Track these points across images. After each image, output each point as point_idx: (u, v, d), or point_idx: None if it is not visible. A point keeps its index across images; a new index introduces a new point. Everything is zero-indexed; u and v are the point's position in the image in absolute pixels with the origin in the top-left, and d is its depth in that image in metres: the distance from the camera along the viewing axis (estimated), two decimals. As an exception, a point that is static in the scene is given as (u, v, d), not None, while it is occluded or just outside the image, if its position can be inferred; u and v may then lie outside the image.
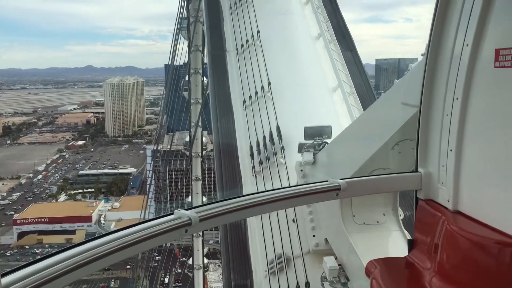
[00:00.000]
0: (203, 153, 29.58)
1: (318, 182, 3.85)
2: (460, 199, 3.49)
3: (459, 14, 3.45)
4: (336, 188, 3.70)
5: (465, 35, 3.37)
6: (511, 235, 2.98)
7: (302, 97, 10.00)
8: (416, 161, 3.97)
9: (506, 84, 3.04)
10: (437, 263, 3.40)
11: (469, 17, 3.33)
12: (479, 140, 3.34)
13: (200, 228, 3.09)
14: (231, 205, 3.21)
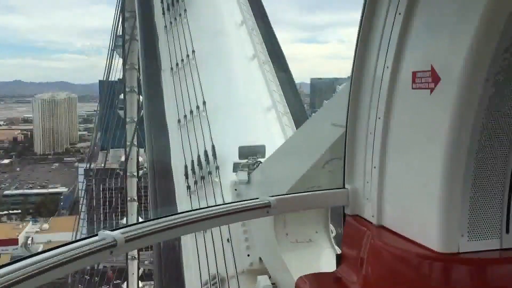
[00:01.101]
0: (139, 172, 28.86)
1: (248, 199, 3.87)
2: (383, 214, 3.62)
3: (380, 38, 3.63)
4: (267, 205, 3.73)
5: (385, 58, 3.55)
6: (430, 248, 3.13)
7: (237, 117, 10.10)
8: (344, 178, 4.10)
9: (422, 104, 3.22)
10: (363, 276, 3.49)
11: (388, 41, 3.51)
12: (400, 157, 3.50)
13: (127, 249, 3.00)
14: (159, 225, 3.15)
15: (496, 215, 3.11)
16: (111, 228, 3.05)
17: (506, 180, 3.10)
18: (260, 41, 11.79)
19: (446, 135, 2.97)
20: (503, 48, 2.81)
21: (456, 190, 3.01)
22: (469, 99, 2.89)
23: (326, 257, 5.99)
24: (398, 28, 3.40)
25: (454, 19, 2.99)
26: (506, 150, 3.06)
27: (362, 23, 3.80)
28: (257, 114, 10.29)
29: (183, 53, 11.21)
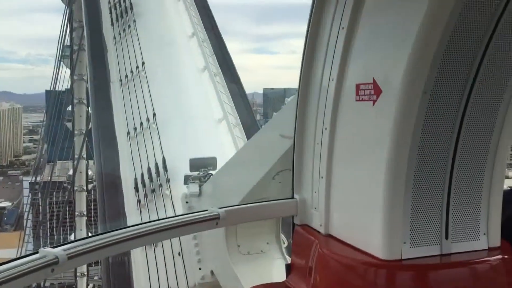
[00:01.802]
0: (88, 186, 28.03)
1: (197, 211, 3.84)
2: (331, 223, 3.68)
3: (325, 50, 3.72)
4: (216, 217, 3.71)
5: (330, 71, 3.63)
6: (375, 255, 3.20)
7: (188, 129, 10.03)
8: (292, 188, 4.15)
9: (365, 116, 3.31)
10: (311, 286, 3.53)
11: (333, 54, 3.60)
12: (346, 167, 3.58)
13: (69, 266, 2.89)
14: (104, 240, 3.06)
15: (436, 222, 3.23)
16: (58, 243, 2.95)
17: (444, 188, 3.22)
18: (211, 53, 11.80)
19: (388, 145, 3.07)
20: (438, 62, 2.94)
21: (398, 199, 3.11)
22: (409, 111, 3.00)
23: (278, 267, 6.01)
24: (342, 41, 3.50)
25: (393, 34, 3.11)
26: (444, 159, 3.19)
27: (307, 35, 3.89)
28: (208, 126, 10.26)
29: (133, 64, 11.05)
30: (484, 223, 3.35)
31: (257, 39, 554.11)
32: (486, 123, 3.24)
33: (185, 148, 9.29)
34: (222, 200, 6.73)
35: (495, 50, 3.02)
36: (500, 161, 3.33)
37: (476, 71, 3.05)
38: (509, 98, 3.22)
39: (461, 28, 2.91)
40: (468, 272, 3.28)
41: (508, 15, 2.93)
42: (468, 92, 3.10)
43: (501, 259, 3.29)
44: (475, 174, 3.30)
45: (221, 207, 3.80)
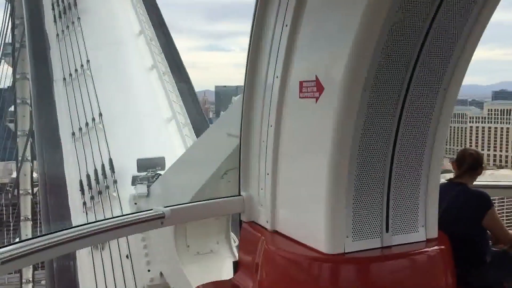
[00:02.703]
0: (33, 190, 26.87)
1: (141, 211, 3.76)
2: (277, 219, 3.71)
3: (269, 48, 3.74)
4: (160, 216, 3.66)
5: (275, 68, 3.66)
6: (319, 250, 3.26)
7: (136, 129, 9.83)
8: (239, 185, 4.15)
9: (309, 113, 3.37)
10: (258, 282, 3.54)
11: (277, 51, 3.63)
12: (291, 164, 3.62)
13: (3, 271, 2.76)
14: (40, 243, 2.94)
15: (376, 216, 3.32)
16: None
17: (384, 183, 3.32)
18: (160, 51, 11.62)
19: (330, 142, 3.12)
20: (377, 61, 3.02)
21: (341, 194, 3.17)
22: (350, 108, 3.07)
23: (228, 266, 5.99)
24: (285, 39, 3.53)
25: (334, 33, 3.17)
26: (384, 155, 3.28)
27: (252, 33, 3.90)
28: (157, 126, 10.10)
29: (77, 63, 10.70)
30: (422, 216, 3.47)
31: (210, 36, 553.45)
32: (423, 119, 3.37)
33: (133, 148, 9.09)
34: (171, 200, 6.63)
35: (430, 50, 3.15)
36: (436, 156, 3.47)
37: (413, 69, 3.16)
38: (444, 95, 3.36)
39: (398, 29, 3.00)
40: (407, 263, 3.39)
41: (441, 16, 3.05)
42: (405, 89, 3.20)
43: (438, 250, 3.42)
44: (413, 169, 3.42)
45: (166, 206, 3.75)
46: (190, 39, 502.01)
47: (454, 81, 3.33)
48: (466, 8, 3.09)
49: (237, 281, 3.85)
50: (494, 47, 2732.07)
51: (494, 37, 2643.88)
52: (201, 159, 5.97)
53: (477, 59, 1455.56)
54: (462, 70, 3.32)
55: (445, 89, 3.34)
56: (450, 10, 3.05)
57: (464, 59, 3.28)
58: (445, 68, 3.28)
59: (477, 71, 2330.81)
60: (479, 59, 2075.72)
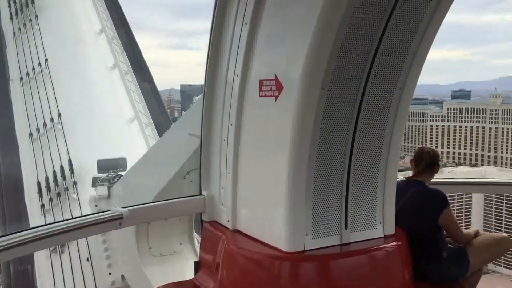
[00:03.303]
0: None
1: (99, 212, 3.68)
2: (238, 218, 3.70)
3: (229, 46, 3.73)
4: (118, 217, 3.59)
5: (235, 67, 3.65)
6: (279, 248, 3.26)
7: (97, 129, 9.62)
8: (200, 185, 4.11)
9: (268, 112, 3.37)
10: (219, 281, 3.52)
11: (237, 50, 3.62)
12: (251, 163, 3.61)
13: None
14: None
15: (336, 214, 3.35)
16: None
17: (343, 181, 3.36)
18: (121, 50, 11.41)
19: (289, 140, 3.13)
20: (334, 60, 3.05)
21: (300, 193, 3.18)
22: (308, 106, 3.08)
23: (191, 268, 5.94)
24: (245, 37, 3.52)
25: (292, 32, 3.18)
26: (342, 153, 3.32)
27: (212, 32, 3.87)
28: (119, 126, 9.91)
29: (35, 62, 10.38)
30: (380, 213, 3.53)
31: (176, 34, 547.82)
32: (381, 117, 3.42)
33: (94, 149, 8.89)
34: (132, 202, 6.47)
35: (386, 49, 3.20)
36: (393, 154, 3.53)
37: (370, 68, 3.21)
38: (400, 94, 3.42)
39: (354, 29, 3.04)
40: (366, 259, 3.44)
41: (396, 18, 3.11)
42: (363, 88, 3.24)
43: (395, 246, 3.49)
44: (371, 166, 3.47)
45: (124, 207, 3.68)
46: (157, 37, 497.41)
47: (410, 80, 3.39)
48: (420, 10, 3.16)
49: (198, 281, 3.82)
50: (454, 48, 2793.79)
51: (453, 38, 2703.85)
52: (163, 160, 5.90)
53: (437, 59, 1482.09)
54: (417, 70, 3.38)
55: (401, 88, 3.40)
56: (404, 12, 3.12)
57: (419, 59, 3.34)
58: (401, 67, 3.34)
59: (437, 71, 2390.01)
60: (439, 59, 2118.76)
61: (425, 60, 3.41)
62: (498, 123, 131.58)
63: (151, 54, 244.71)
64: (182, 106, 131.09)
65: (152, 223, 5.82)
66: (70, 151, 8.69)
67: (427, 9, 3.19)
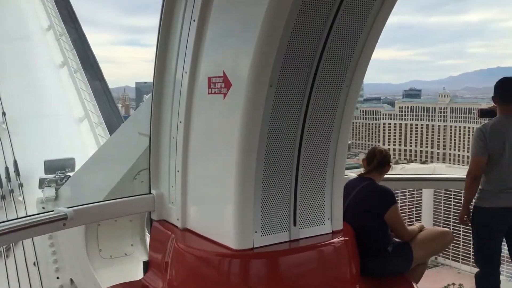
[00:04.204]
0: None
1: (41, 213, 3.55)
2: (187, 217, 3.66)
3: (178, 43, 3.68)
4: (62, 217, 3.47)
5: (183, 63, 3.61)
6: (228, 246, 3.25)
7: (45, 129, 9.27)
8: (149, 183, 4.05)
9: (217, 109, 3.35)
10: (167, 281, 3.48)
11: (186, 46, 3.58)
12: (200, 160, 3.58)
13: None
14: None
15: (284, 211, 3.38)
16: None
17: (292, 178, 3.38)
18: (71, 48, 11.06)
19: (238, 138, 3.12)
20: (281, 57, 3.07)
21: (249, 190, 3.18)
22: (256, 104, 3.08)
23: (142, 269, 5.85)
24: (193, 34, 3.49)
25: (239, 29, 3.17)
26: (290, 150, 3.34)
27: (160, 28, 3.82)
28: (68, 126, 9.61)
29: (-24, 58, 9.90)
30: (328, 209, 3.58)
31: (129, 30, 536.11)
32: (328, 115, 3.47)
33: (42, 150, 8.57)
34: (81, 203, 6.34)
35: (332, 48, 3.24)
36: (341, 150, 3.60)
37: (317, 66, 3.25)
38: (347, 92, 3.48)
39: (301, 26, 3.06)
40: (315, 254, 3.48)
41: (341, 17, 3.16)
42: (310, 85, 3.28)
43: (343, 241, 3.55)
44: (319, 163, 3.52)
45: (69, 207, 3.57)
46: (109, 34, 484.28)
47: (356, 78, 3.46)
48: (364, 10, 3.23)
49: (146, 281, 3.76)
50: (404, 48, 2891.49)
51: (404, 39, 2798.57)
52: (112, 160, 5.77)
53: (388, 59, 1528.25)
54: (363, 68, 3.46)
55: (348, 86, 3.46)
56: (349, 11, 3.17)
57: (364, 57, 3.41)
58: (347, 66, 3.40)
59: (389, 71, 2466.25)
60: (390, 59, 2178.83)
61: (370, 58, 3.49)
62: (447, 121, 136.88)
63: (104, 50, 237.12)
64: (137, 104, 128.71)
65: (102, 224, 5.69)
66: (16, 151, 8.36)
67: (371, 9, 3.26)
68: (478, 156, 4.17)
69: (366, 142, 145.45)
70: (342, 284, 3.47)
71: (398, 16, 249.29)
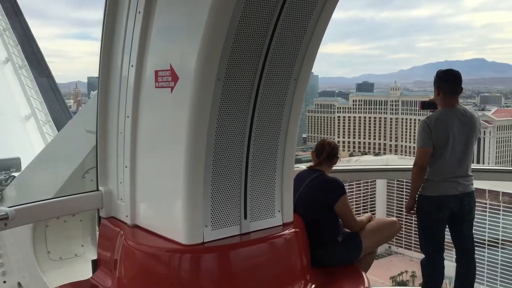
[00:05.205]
0: None
1: None
2: (137, 213, 3.60)
3: (123, 36, 3.59)
4: (3, 217, 3.34)
5: (130, 57, 3.53)
6: (179, 241, 3.21)
7: (-12, 128, 8.88)
8: (97, 180, 3.95)
9: (165, 103, 3.29)
10: (117, 279, 3.41)
11: (131, 39, 3.50)
12: (149, 155, 3.52)
13: None
14: None
15: (235, 204, 3.37)
16: None
17: (242, 171, 3.38)
18: (15, 43, 10.61)
19: (186, 132, 3.08)
20: (229, 50, 3.05)
21: (198, 185, 3.15)
22: (204, 97, 3.05)
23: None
24: (139, 26, 3.41)
25: (185, 21, 3.13)
26: (240, 143, 3.34)
27: (105, 21, 3.71)
28: (13, 124, 9.24)
29: None
30: (278, 202, 3.61)
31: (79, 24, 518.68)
32: (277, 107, 3.49)
33: (-15, 149, 8.20)
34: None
35: (279, 42, 3.26)
36: (290, 143, 3.62)
37: (264, 59, 3.25)
38: (295, 85, 3.51)
39: (247, 19, 3.05)
40: (266, 247, 3.50)
41: (289, 5, 3.17)
42: (258, 79, 3.28)
43: (293, 232, 3.59)
44: (269, 156, 3.53)
45: (11, 206, 3.43)
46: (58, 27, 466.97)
47: (304, 72, 3.49)
48: (310, 3, 3.26)
49: (95, 280, 3.67)
50: (356, 42, 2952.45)
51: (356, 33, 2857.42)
52: (59, 158, 5.59)
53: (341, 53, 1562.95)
54: (310, 61, 3.49)
55: (296, 79, 3.49)
56: (295, 5, 3.19)
57: (311, 51, 3.44)
58: (295, 59, 3.42)
59: (342, 64, 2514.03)
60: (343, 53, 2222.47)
61: (317, 52, 3.52)
62: (398, 114, 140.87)
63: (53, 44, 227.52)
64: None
65: (51, 225, 5.51)
66: None
67: (316, 3, 3.29)
68: (424, 147, 4.29)
69: (322, 135, 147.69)
70: (293, 275, 3.50)
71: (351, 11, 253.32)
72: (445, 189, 4.28)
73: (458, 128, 4.26)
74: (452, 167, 4.29)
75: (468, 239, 4.47)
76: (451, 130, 4.25)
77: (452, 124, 4.27)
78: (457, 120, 4.28)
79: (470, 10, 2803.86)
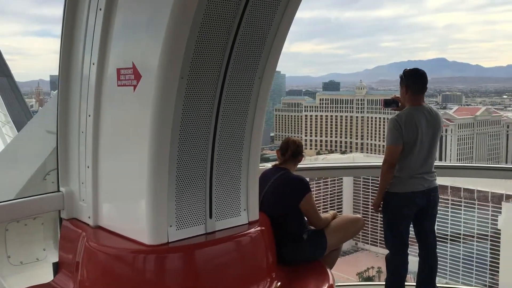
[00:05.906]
0: None
1: None
2: (99, 214, 3.53)
3: (84, 33, 3.51)
4: None
5: (91, 55, 3.45)
6: (143, 242, 3.17)
7: None
8: (58, 180, 3.85)
9: (127, 102, 3.24)
10: (79, 282, 3.34)
11: (92, 36, 3.42)
12: (112, 155, 3.45)
13: None
14: None
15: (200, 203, 3.35)
16: None
17: (206, 171, 3.36)
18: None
19: (149, 131, 3.04)
20: (192, 48, 3.02)
21: (162, 184, 3.11)
22: (167, 96, 3.02)
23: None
24: (100, 23, 3.34)
25: (148, 18, 3.08)
26: (205, 143, 3.32)
27: (64, 17, 3.62)
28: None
29: None
30: (244, 200, 3.60)
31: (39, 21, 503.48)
32: (241, 106, 3.49)
33: None
34: None
35: (243, 39, 3.25)
36: (255, 142, 3.62)
37: (228, 58, 3.24)
38: (260, 83, 3.51)
39: (210, 17, 3.04)
40: (232, 246, 3.49)
41: (253, 3, 3.17)
42: (222, 78, 3.27)
43: (259, 231, 3.59)
44: (234, 155, 3.52)
45: None
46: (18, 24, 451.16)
47: (268, 70, 3.50)
48: (273, 1, 3.26)
49: (56, 283, 3.58)
50: (322, 42, 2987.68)
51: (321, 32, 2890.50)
52: (19, 160, 5.41)
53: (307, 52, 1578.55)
54: (274, 60, 3.50)
55: (260, 77, 3.49)
56: (258, 3, 3.19)
57: (275, 50, 3.46)
58: (259, 57, 3.42)
59: (309, 63, 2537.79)
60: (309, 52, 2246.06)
61: (281, 50, 3.54)
62: (364, 112, 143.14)
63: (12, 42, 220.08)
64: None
65: (10, 229, 5.33)
66: None
67: (279, 5, 3.31)
68: (394, 145, 4.33)
69: (290, 134, 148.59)
70: (259, 273, 3.51)
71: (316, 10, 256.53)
72: (412, 185, 4.37)
73: (425, 126, 4.35)
74: (419, 164, 4.37)
75: (431, 234, 4.58)
76: (420, 128, 4.32)
77: (420, 122, 4.34)
78: (424, 118, 4.37)
79: (432, 10, 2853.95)
